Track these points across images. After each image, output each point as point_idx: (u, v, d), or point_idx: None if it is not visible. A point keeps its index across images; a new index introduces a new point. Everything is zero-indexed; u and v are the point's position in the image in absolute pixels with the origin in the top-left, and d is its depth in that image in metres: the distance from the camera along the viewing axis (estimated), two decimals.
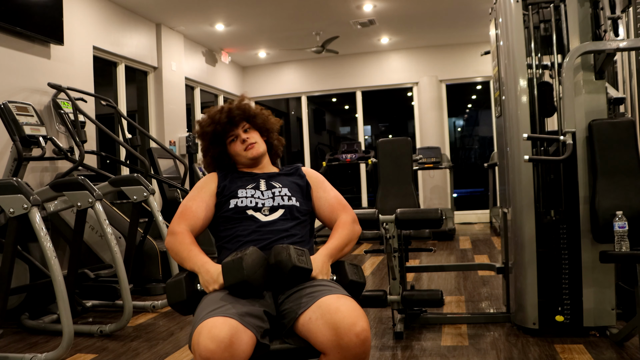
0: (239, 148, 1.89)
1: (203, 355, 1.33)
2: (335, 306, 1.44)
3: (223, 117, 1.89)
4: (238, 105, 1.92)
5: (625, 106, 3.24)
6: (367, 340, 1.40)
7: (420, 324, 3.08)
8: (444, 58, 8.41)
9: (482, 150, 10.12)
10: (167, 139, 6.55)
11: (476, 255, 5.49)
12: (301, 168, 1.95)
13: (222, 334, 1.35)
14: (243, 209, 1.76)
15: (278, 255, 1.56)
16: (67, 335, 2.53)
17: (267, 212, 1.76)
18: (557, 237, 2.77)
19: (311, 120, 9.37)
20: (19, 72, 4.33)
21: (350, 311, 1.42)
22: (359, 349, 1.38)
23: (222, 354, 1.33)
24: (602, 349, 2.54)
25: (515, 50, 2.80)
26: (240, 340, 1.36)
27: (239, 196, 1.79)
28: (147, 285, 4.13)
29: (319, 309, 1.45)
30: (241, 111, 1.91)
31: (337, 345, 1.38)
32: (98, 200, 2.96)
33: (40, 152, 3.95)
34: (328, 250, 1.71)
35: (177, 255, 1.70)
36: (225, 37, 7.35)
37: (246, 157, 1.89)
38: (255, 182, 1.85)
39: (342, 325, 1.39)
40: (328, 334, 1.40)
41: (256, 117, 1.93)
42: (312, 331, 1.44)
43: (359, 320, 1.40)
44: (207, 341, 1.34)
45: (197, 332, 1.38)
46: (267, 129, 1.96)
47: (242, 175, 1.89)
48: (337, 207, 1.85)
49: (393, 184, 4.70)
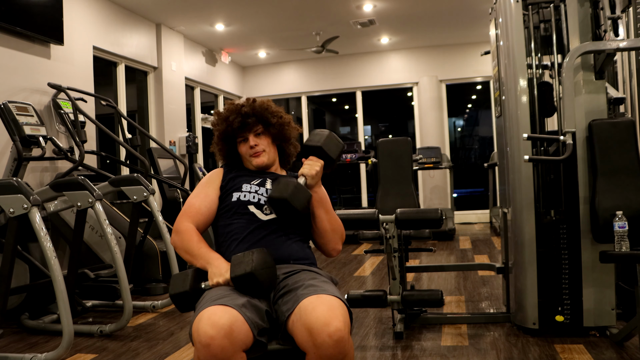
0: (246, 151, 1.85)
1: (203, 341, 1.34)
2: (312, 307, 1.43)
3: (237, 120, 1.81)
4: (255, 108, 1.83)
5: (625, 106, 3.24)
6: (341, 340, 1.37)
7: (420, 324, 3.08)
8: (444, 58, 8.41)
9: (482, 150, 10.11)
10: (167, 139, 6.55)
11: (476, 255, 5.49)
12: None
13: (222, 321, 1.36)
14: (245, 203, 1.75)
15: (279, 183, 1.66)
16: (67, 335, 2.53)
17: (268, 212, 1.75)
18: (557, 237, 2.77)
19: (311, 120, 9.37)
20: (19, 72, 4.33)
21: (325, 311, 1.41)
22: (333, 349, 1.37)
23: (221, 340, 1.34)
24: (602, 349, 2.54)
25: (515, 50, 2.80)
26: (239, 329, 1.38)
27: (243, 190, 1.78)
28: (147, 285, 4.13)
29: (299, 310, 1.45)
30: (257, 116, 1.82)
31: (313, 345, 1.38)
32: (98, 200, 2.96)
33: (40, 152, 3.95)
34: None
35: (186, 252, 1.69)
36: (225, 37, 7.35)
37: (251, 163, 1.85)
38: (261, 179, 1.83)
39: (315, 326, 1.39)
40: (304, 334, 1.40)
41: (272, 125, 1.84)
42: (294, 333, 1.45)
43: (332, 320, 1.39)
44: (207, 327, 1.35)
45: (197, 320, 1.39)
46: (281, 137, 1.88)
47: (249, 172, 1.86)
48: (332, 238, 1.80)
49: (393, 184, 4.70)
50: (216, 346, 1.33)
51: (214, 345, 1.33)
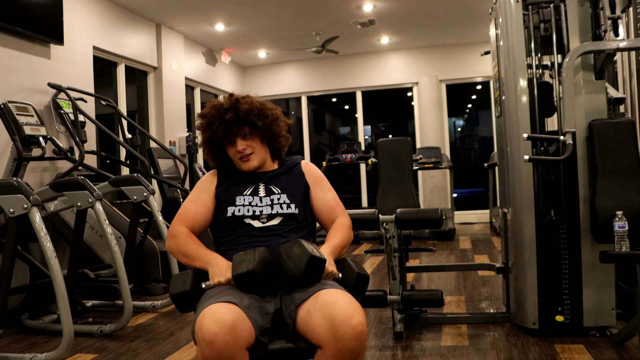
0: (234, 155, 1.81)
1: (206, 338, 1.34)
2: (333, 299, 1.45)
3: (221, 129, 1.75)
4: (238, 112, 1.75)
5: (625, 106, 3.24)
6: (362, 333, 1.40)
7: (420, 324, 3.08)
8: (444, 58, 8.41)
9: (482, 150, 10.11)
10: (167, 139, 6.55)
11: (476, 255, 5.49)
12: (301, 164, 1.90)
13: (226, 318, 1.36)
14: (240, 217, 1.74)
15: (289, 250, 1.56)
16: (67, 335, 2.53)
17: (265, 220, 1.74)
18: (557, 237, 2.77)
19: (311, 120, 9.37)
20: (19, 72, 4.33)
21: (347, 304, 1.43)
22: (355, 342, 1.39)
23: (225, 337, 1.34)
24: (602, 349, 2.54)
25: (515, 50, 2.80)
26: (242, 326, 1.38)
27: (237, 204, 1.76)
28: (147, 285, 4.13)
29: (317, 301, 1.46)
30: (241, 121, 1.76)
31: (333, 337, 1.39)
32: (98, 200, 2.96)
33: (40, 152, 3.95)
34: (330, 247, 1.71)
35: (184, 255, 1.69)
36: (225, 37, 7.35)
37: (240, 167, 1.82)
38: (254, 186, 1.80)
39: (338, 318, 1.40)
40: (325, 326, 1.41)
41: (259, 128, 1.78)
42: (310, 324, 1.45)
43: (355, 313, 1.41)
44: (211, 324, 1.35)
45: (200, 317, 1.39)
46: (270, 135, 1.83)
47: (241, 176, 1.84)
48: (336, 209, 1.84)
49: (393, 184, 4.70)
50: (220, 342, 1.33)
51: (217, 341, 1.33)
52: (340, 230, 1.77)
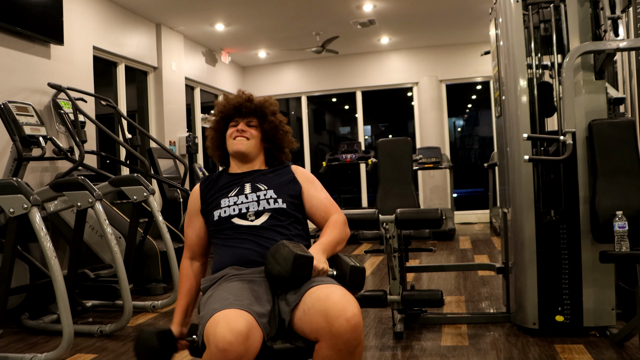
0: (231, 133, 1.86)
1: (220, 346, 1.33)
2: (325, 294, 1.45)
3: (236, 101, 1.88)
4: (255, 101, 1.89)
5: (625, 106, 3.24)
6: (358, 325, 1.40)
7: (420, 324, 3.08)
8: (444, 58, 8.41)
9: (482, 150, 10.12)
10: (167, 139, 6.55)
11: (476, 255, 5.49)
12: (290, 167, 1.91)
13: (241, 327, 1.36)
14: (227, 218, 1.74)
15: (275, 252, 1.55)
16: (67, 335, 2.53)
17: (252, 217, 1.74)
18: (557, 237, 2.77)
19: (311, 120, 9.37)
20: (19, 72, 4.33)
21: (340, 297, 1.43)
22: (351, 334, 1.39)
23: (239, 347, 1.33)
24: (602, 349, 2.54)
25: (515, 50, 2.80)
26: (254, 336, 1.38)
27: (222, 206, 1.77)
28: (147, 285, 4.13)
29: (311, 298, 1.46)
30: (255, 107, 1.87)
31: (329, 331, 1.39)
32: (98, 200, 2.96)
33: (40, 152, 3.95)
34: (321, 245, 1.69)
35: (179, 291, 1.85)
36: (225, 37, 7.35)
37: (231, 146, 1.85)
38: (239, 187, 1.81)
39: (332, 312, 1.40)
40: (320, 320, 1.41)
41: (266, 121, 1.88)
42: (306, 322, 1.45)
43: (349, 305, 1.41)
44: (226, 332, 1.34)
45: (213, 322, 1.38)
46: (272, 139, 1.89)
47: (226, 180, 1.85)
48: (330, 207, 1.82)
49: (393, 184, 4.70)
50: (233, 352, 1.33)
51: (231, 350, 1.32)
52: (334, 228, 1.76)
